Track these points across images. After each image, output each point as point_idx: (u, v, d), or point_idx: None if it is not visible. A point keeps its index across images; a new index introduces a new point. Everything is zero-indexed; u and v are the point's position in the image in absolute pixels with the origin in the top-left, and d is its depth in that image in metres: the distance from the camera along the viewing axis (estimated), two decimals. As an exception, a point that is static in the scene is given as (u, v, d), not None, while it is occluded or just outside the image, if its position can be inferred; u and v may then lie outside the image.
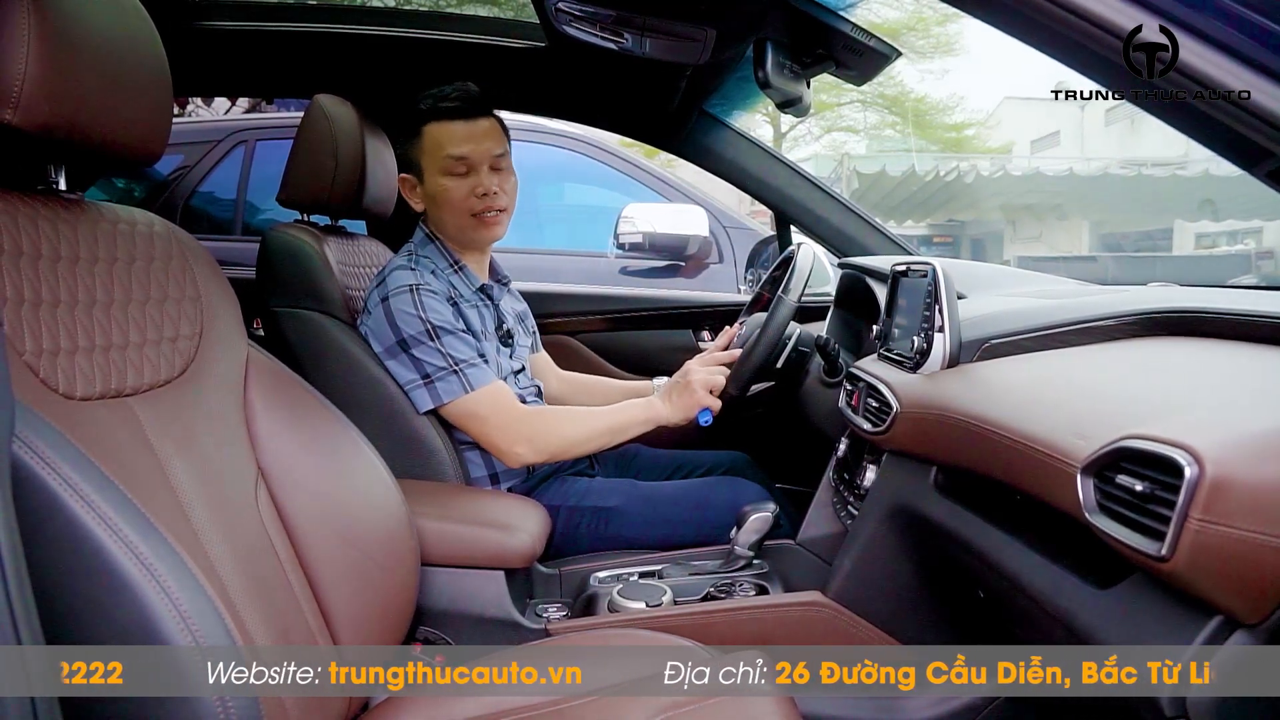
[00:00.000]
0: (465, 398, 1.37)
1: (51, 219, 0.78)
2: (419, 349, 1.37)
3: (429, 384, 1.37)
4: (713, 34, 1.41)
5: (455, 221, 1.47)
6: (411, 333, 1.37)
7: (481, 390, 1.38)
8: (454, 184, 1.45)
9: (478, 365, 1.39)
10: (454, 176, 1.45)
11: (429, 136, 1.45)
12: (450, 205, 1.46)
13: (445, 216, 1.47)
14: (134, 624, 0.63)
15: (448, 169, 1.44)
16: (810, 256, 1.50)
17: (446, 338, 1.37)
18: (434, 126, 1.45)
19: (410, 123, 1.47)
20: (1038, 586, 0.82)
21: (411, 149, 1.48)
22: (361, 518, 1.00)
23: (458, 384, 1.37)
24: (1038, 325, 1.04)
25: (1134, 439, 0.64)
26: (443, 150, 1.44)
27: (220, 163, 3.20)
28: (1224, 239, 14.52)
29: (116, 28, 0.80)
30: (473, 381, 1.38)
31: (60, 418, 0.68)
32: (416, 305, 1.37)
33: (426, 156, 1.45)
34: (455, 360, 1.37)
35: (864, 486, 1.26)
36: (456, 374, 1.37)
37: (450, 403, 1.38)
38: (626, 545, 1.46)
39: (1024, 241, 16.47)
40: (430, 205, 1.49)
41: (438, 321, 1.37)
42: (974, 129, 16.48)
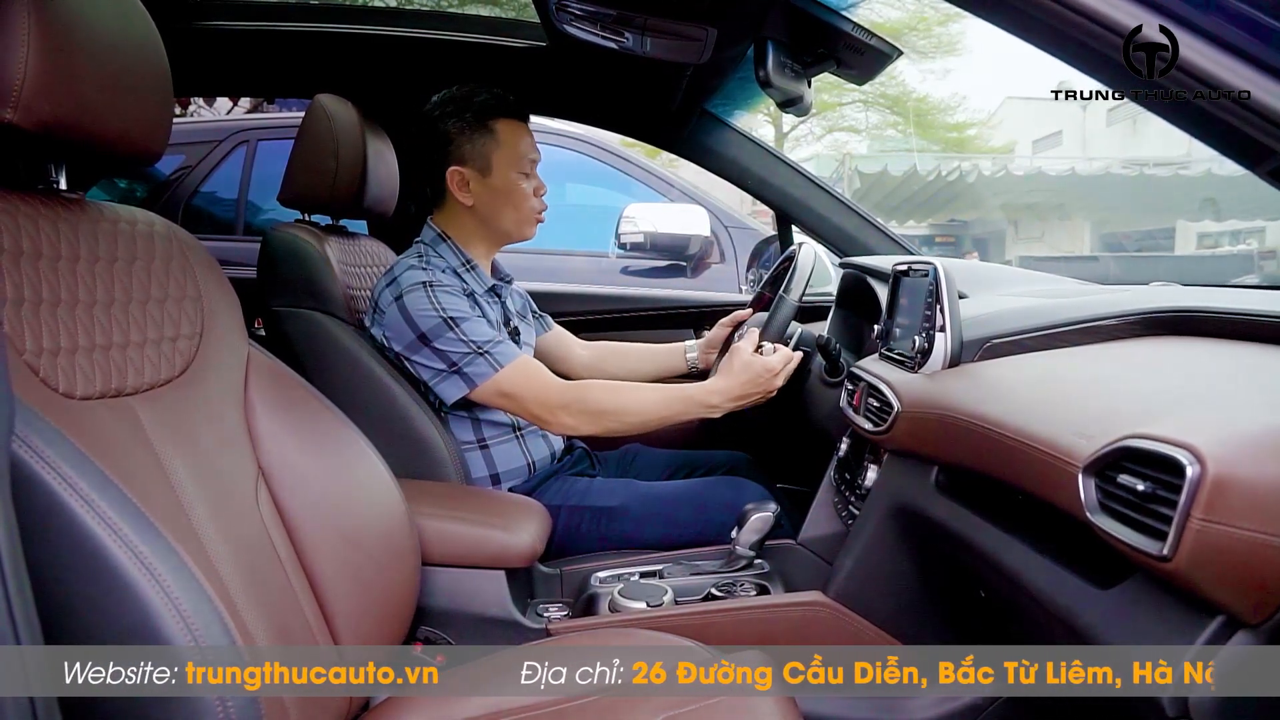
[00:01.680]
0: (496, 376, 1.37)
1: (52, 218, 0.78)
2: (440, 340, 1.37)
3: (456, 371, 1.37)
4: (714, 33, 1.41)
5: (517, 217, 1.50)
6: (430, 326, 1.37)
7: (511, 366, 1.38)
8: (526, 183, 1.49)
9: (503, 342, 1.40)
10: (525, 176, 1.49)
11: (505, 132, 1.47)
12: (523, 203, 1.49)
13: (508, 212, 1.50)
14: (134, 624, 0.63)
15: (524, 168, 1.48)
16: (811, 256, 1.50)
17: (465, 324, 1.37)
18: (507, 124, 1.47)
19: (473, 116, 1.46)
20: (1039, 586, 0.82)
21: (479, 141, 1.46)
22: (362, 517, 1.00)
23: (486, 365, 1.37)
24: (1039, 325, 1.04)
25: (1136, 438, 0.64)
26: (519, 149, 1.47)
27: (222, 163, 3.21)
28: (1226, 239, 14.49)
29: (117, 27, 0.80)
30: (500, 359, 1.37)
31: (60, 417, 0.68)
32: (431, 299, 1.37)
33: (502, 151, 1.47)
34: (479, 344, 1.37)
35: (865, 486, 1.26)
36: (483, 355, 1.37)
37: (482, 384, 1.37)
38: (627, 545, 1.46)
39: (1026, 241, 16.44)
40: (491, 199, 1.49)
41: (454, 313, 1.37)
42: (976, 129, 16.48)
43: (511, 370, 1.38)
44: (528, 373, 1.39)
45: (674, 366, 1.80)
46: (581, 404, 1.38)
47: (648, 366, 1.80)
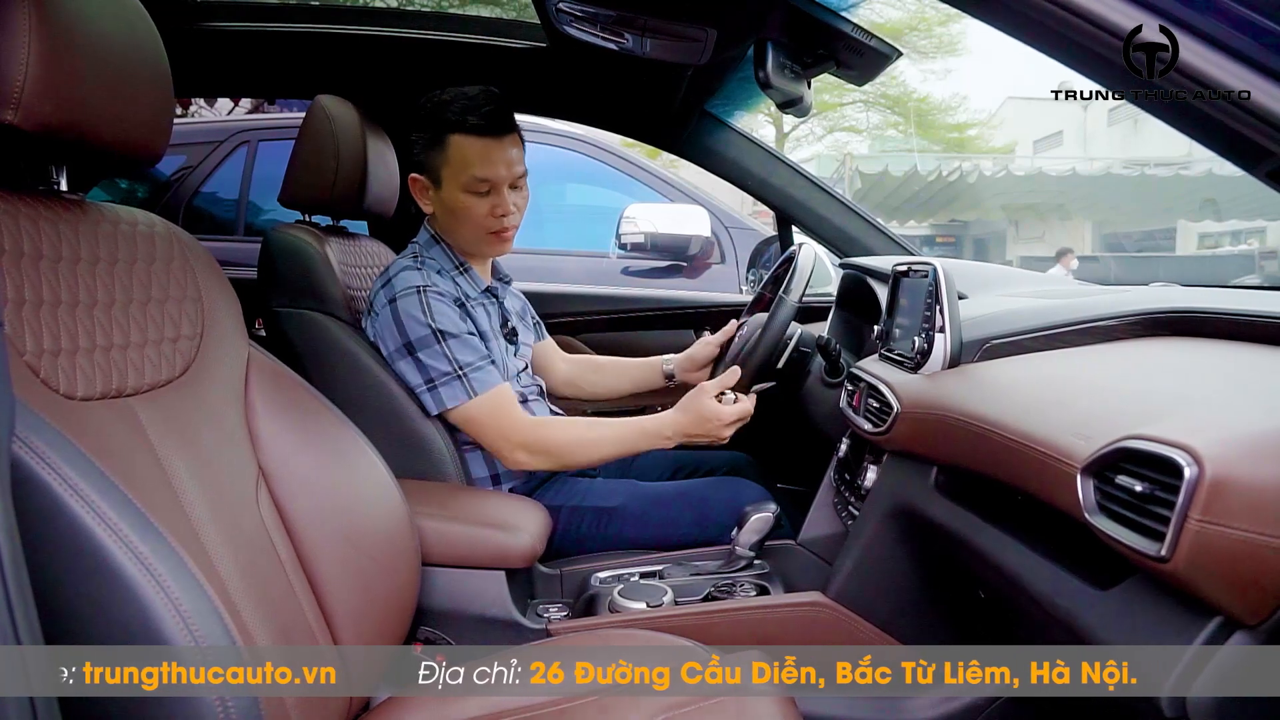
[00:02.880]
0: (468, 404, 1.37)
1: (53, 220, 0.78)
2: (424, 353, 1.36)
3: (432, 388, 1.37)
4: (714, 34, 1.41)
5: (470, 235, 1.46)
6: (417, 336, 1.36)
7: (484, 396, 1.37)
8: (474, 202, 1.41)
9: (482, 369, 1.38)
10: (475, 195, 1.41)
11: (455, 148, 1.39)
12: (469, 222, 1.43)
13: (460, 230, 1.46)
14: (134, 624, 0.63)
15: (471, 187, 1.41)
16: (811, 257, 1.50)
17: (452, 341, 1.37)
18: (461, 139, 1.39)
19: (432, 127, 1.41)
20: (1038, 587, 0.82)
21: (431, 154, 1.42)
22: (362, 517, 1.00)
23: (461, 389, 1.36)
24: (1039, 325, 1.04)
25: (1134, 439, 0.64)
26: (469, 168, 1.40)
27: (223, 163, 3.21)
28: (1227, 239, 14.49)
29: (118, 28, 0.81)
30: (476, 386, 1.37)
31: (61, 418, 0.68)
32: (423, 308, 1.36)
33: (450, 168, 1.41)
34: (460, 364, 1.36)
35: (865, 487, 1.26)
36: (460, 379, 1.36)
37: (453, 407, 1.37)
38: (627, 545, 1.46)
39: (1027, 241, 16.46)
40: (445, 214, 1.46)
41: (444, 325, 1.37)
42: (977, 129, 16.50)
43: (483, 400, 1.37)
44: (497, 405, 1.38)
45: (651, 381, 1.76)
46: (540, 444, 1.38)
47: (625, 382, 1.78)
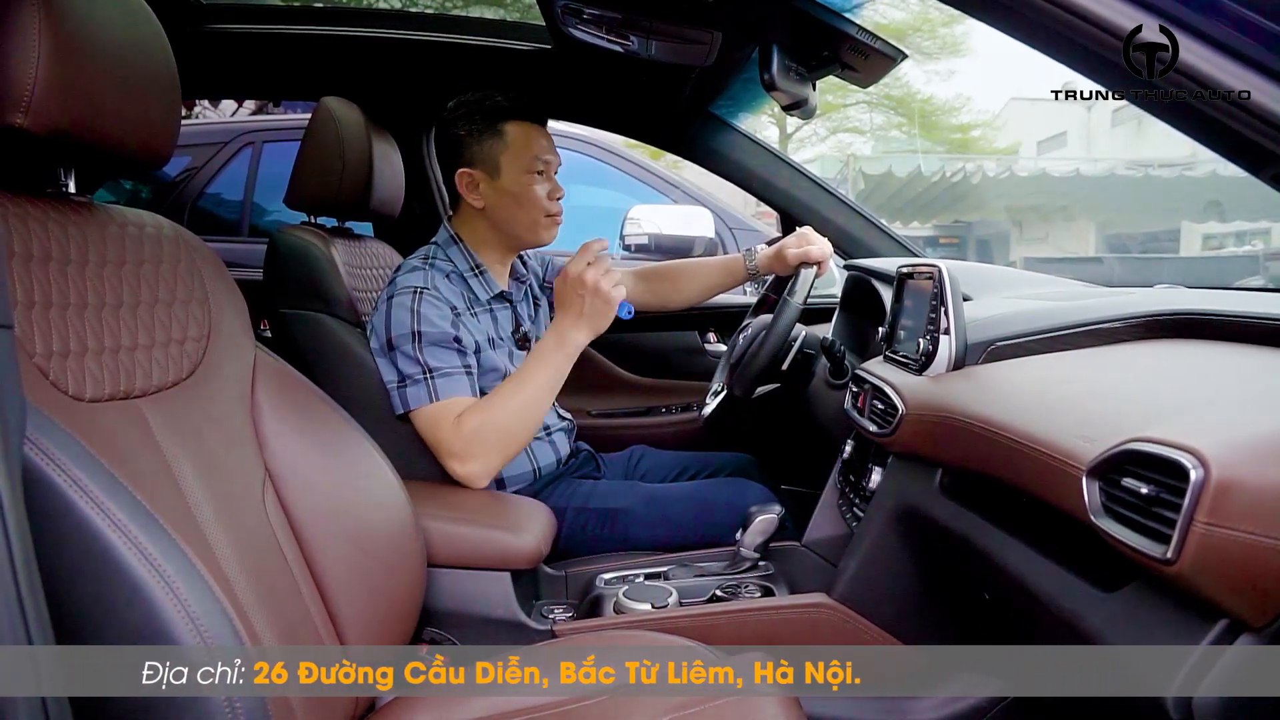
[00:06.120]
0: (424, 408, 1.35)
1: (61, 222, 0.78)
2: (401, 350, 1.36)
3: (401, 388, 1.37)
4: (719, 37, 1.42)
5: (530, 219, 1.48)
6: (399, 333, 1.36)
7: (440, 403, 1.34)
8: (539, 184, 1.47)
9: (451, 376, 1.36)
10: (538, 177, 1.47)
11: (515, 134, 1.45)
12: (533, 203, 1.47)
13: (520, 214, 1.48)
14: (143, 624, 0.63)
15: (534, 168, 1.46)
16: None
17: (429, 345, 1.36)
18: (518, 126, 1.45)
19: (485, 118, 1.45)
20: (1043, 589, 0.82)
21: (487, 144, 1.45)
22: (368, 519, 1.00)
23: (424, 391, 1.35)
24: (1043, 327, 1.04)
25: (1139, 442, 0.64)
26: (530, 149, 1.45)
27: (228, 164, 3.22)
28: (1231, 240, 14.43)
29: (126, 31, 0.81)
30: (439, 392, 1.35)
31: (70, 419, 0.68)
32: (413, 309, 1.36)
33: (510, 152, 1.45)
34: (430, 367, 1.35)
35: (869, 488, 1.26)
36: (425, 381, 1.35)
37: (415, 409, 1.36)
38: (632, 547, 1.46)
39: (1030, 243, 16.41)
40: (504, 203, 1.47)
41: (425, 328, 1.36)
42: (980, 130, 16.46)
43: (437, 407, 1.34)
44: (439, 416, 1.34)
45: (732, 274, 1.75)
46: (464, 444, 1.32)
47: (698, 284, 1.78)
